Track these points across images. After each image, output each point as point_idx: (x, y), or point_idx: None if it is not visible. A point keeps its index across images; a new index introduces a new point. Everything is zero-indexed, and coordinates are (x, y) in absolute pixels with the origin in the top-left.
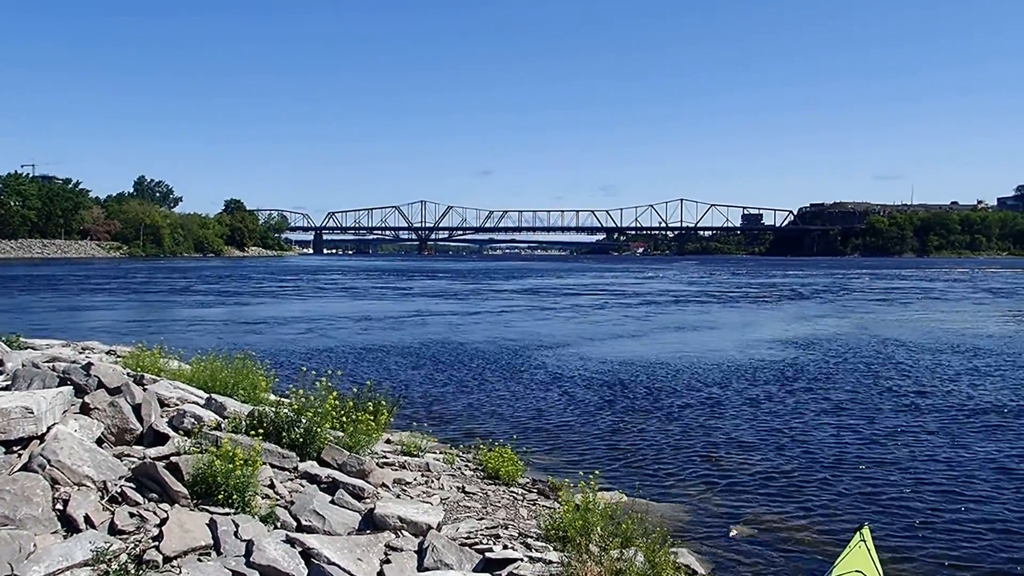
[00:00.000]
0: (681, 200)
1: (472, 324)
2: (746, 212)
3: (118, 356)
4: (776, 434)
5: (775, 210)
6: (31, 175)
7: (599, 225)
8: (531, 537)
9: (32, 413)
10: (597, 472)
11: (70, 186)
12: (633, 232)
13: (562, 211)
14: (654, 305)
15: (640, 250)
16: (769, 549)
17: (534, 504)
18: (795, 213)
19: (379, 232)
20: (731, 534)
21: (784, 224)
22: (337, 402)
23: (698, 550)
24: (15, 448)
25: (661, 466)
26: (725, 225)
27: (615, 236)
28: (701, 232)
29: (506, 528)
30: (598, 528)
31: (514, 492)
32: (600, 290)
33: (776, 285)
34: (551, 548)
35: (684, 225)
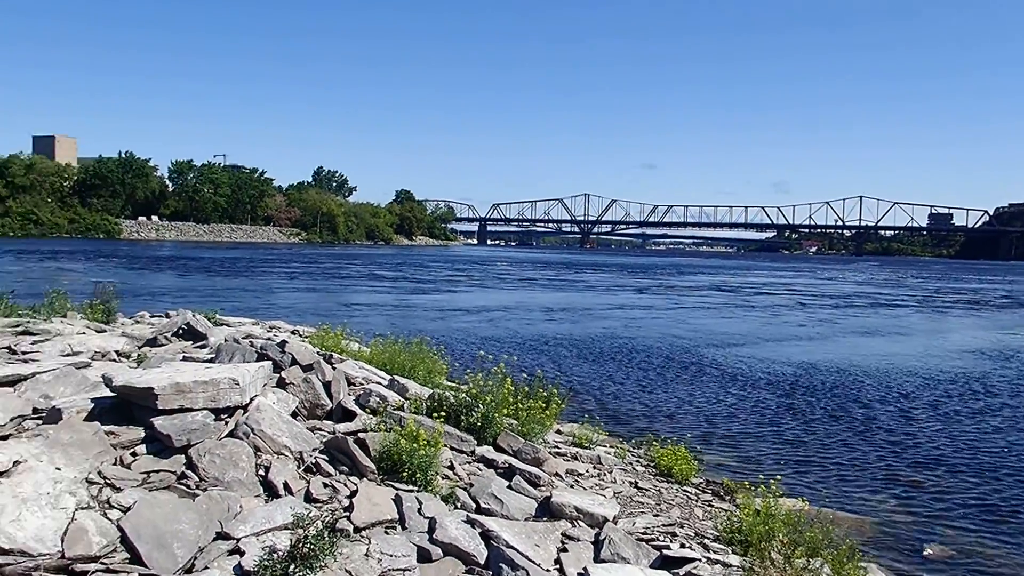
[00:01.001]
0: (860, 197)
1: (641, 319)
2: (934, 211)
3: (302, 336)
4: (975, 452)
5: (967, 210)
6: (223, 165)
7: (769, 222)
8: (708, 538)
9: (238, 384)
10: (778, 477)
11: (256, 175)
12: (806, 230)
13: (730, 207)
14: (835, 307)
15: (813, 249)
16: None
17: (709, 505)
18: (991, 213)
19: (542, 224)
20: (925, 553)
21: (977, 225)
22: (513, 387)
23: (890, 567)
24: (223, 416)
25: (845, 476)
26: (909, 225)
27: (786, 234)
28: (882, 232)
29: (681, 527)
30: (780, 535)
31: (687, 491)
32: (774, 289)
33: (971, 291)
34: (730, 551)
35: (863, 224)
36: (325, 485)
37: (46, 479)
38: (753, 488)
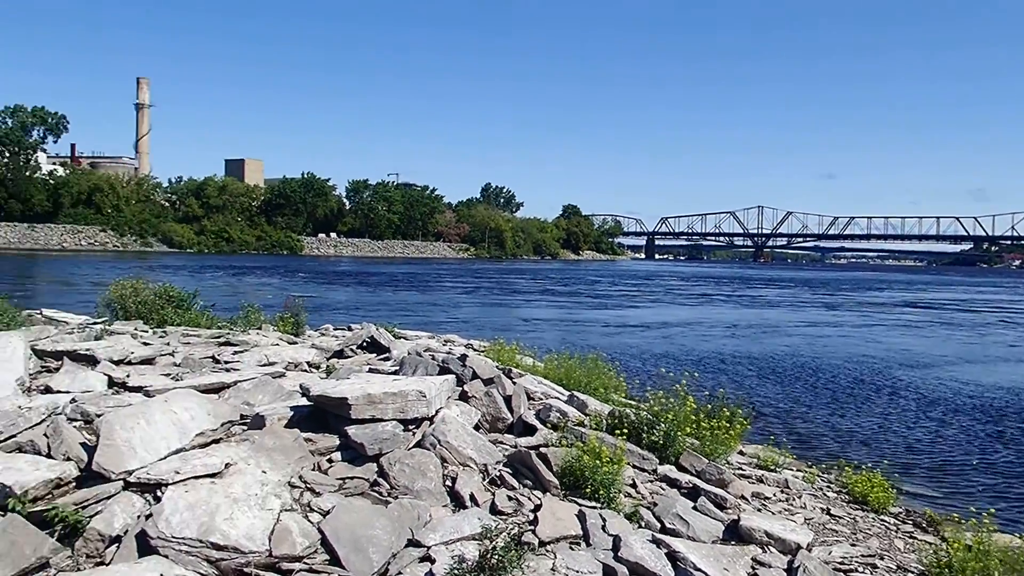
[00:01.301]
0: None
1: (828, 337)
2: None
3: (475, 349)
4: None
5: None
6: (396, 183)
7: (964, 233)
8: (911, 572)
9: (424, 397)
10: (991, 511)
11: (427, 192)
12: (1008, 242)
13: (919, 217)
14: None
15: (1017, 262)
16: None
17: (911, 537)
18: None
19: (712, 238)
20: None
21: None
22: (695, 406)
23: None
24: (410, 427)
25: None
26: None
27: (985, 246)
28: None
29: (882, 559)
30: (997, 574)
31: (885, 521)
32: (974, 306)
33: None
34: None
35: None
36: (509, 498)
37: (254, 481)
38: (961, 521)
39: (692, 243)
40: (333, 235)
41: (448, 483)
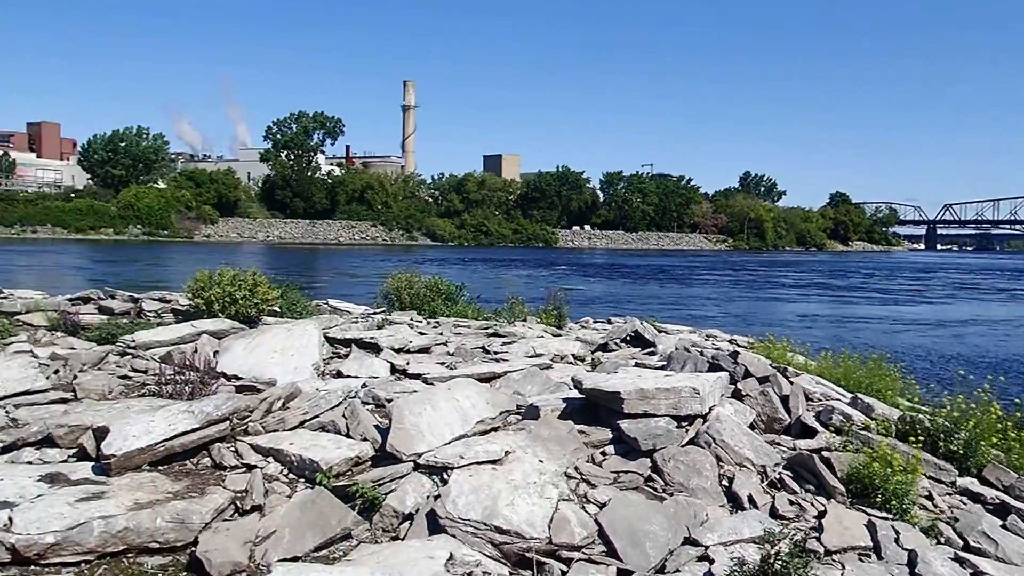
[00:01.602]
0: None
1: None
2: None
3: (740, 346)
4: None
5: None
6: (650, 174)
7: None
8: None
9: (698, 394)
10: None
11: (683, 183)
12: None
13: None
14: None
15: None
16: None
17: None
18: None
19: (1006, 226)
20: None
21: None
22: (1001, 413)
23: None
24: (683, 424)
25: None
26: None
27: None
28: None
29: None
30: None
31: None
32: None
33: None
34: None
35: None
36: (791, 502)
37: (532, 470)
38: None
39: (981, 232)
40: (587, 227)
41: (724, 483)
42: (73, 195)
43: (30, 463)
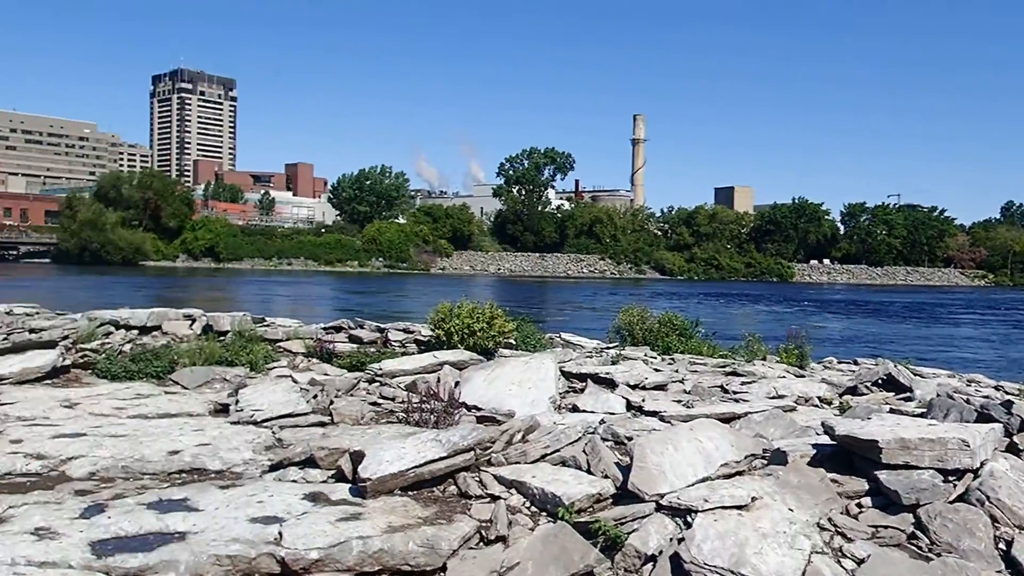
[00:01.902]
0: None
1: None
2: None
3: (1008, 393)
4: None
5: None
6: (896, 205)
7: None
8: None
9: (968, 446)
10: None
11: (934, 214)
12: None
13: None
14: None
15: None
16: None
17: None
18: None
19: None
20: None
21: None
22: None
23: None
24: (949, 478)
25: None
26: None
27: None
28: None
29: None
30: None
31: None
32: None
33: None
34: None
35: None
36: None
37: (781, 518)
38: None
39: None
40: (826, 261)
41: (1001, 546)
42: (323, 230)
43: (295, 482)
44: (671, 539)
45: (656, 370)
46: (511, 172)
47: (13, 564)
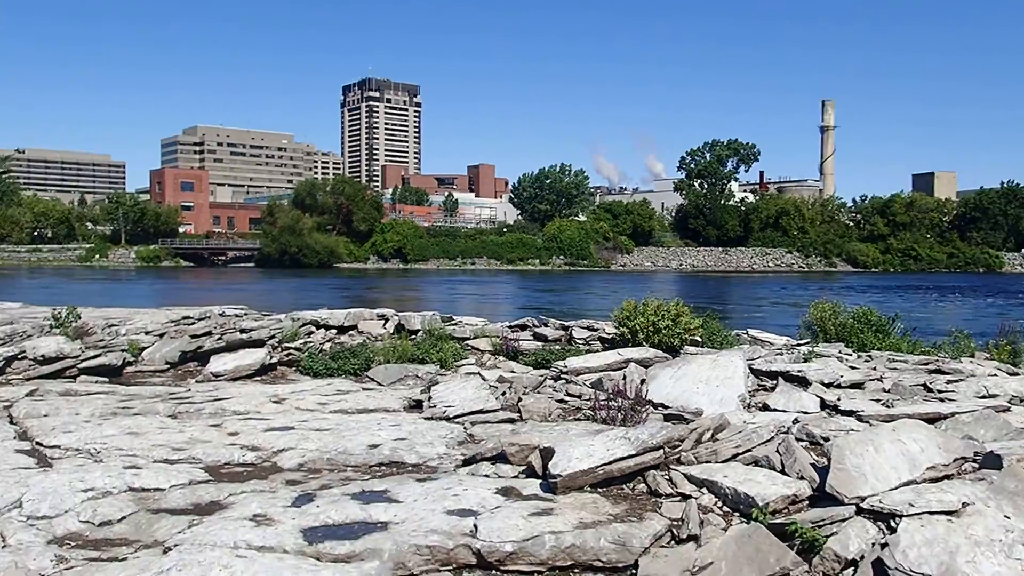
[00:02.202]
0: None
1: None
2: None
3: None
4: None
5: None
6: None
7: None
8: None
9: None
10: None
11: None
12: None
13: None
14: None
15: None
16: None
17: None
18: None
19: None
20: None
21: None
22: None
23: None
24: None
25: None
26: None
27: None
28: None
29: None
30: None
31: None
32: None
33: None
34: None
35: None
36: None
37: (996, 526)
38: None
39: None
40: None
41: None
42: (505, 229)
43: (487, 476)
44: (873, 544)
45: (852, 368)
46: (692, 166)
47: (235, 547)
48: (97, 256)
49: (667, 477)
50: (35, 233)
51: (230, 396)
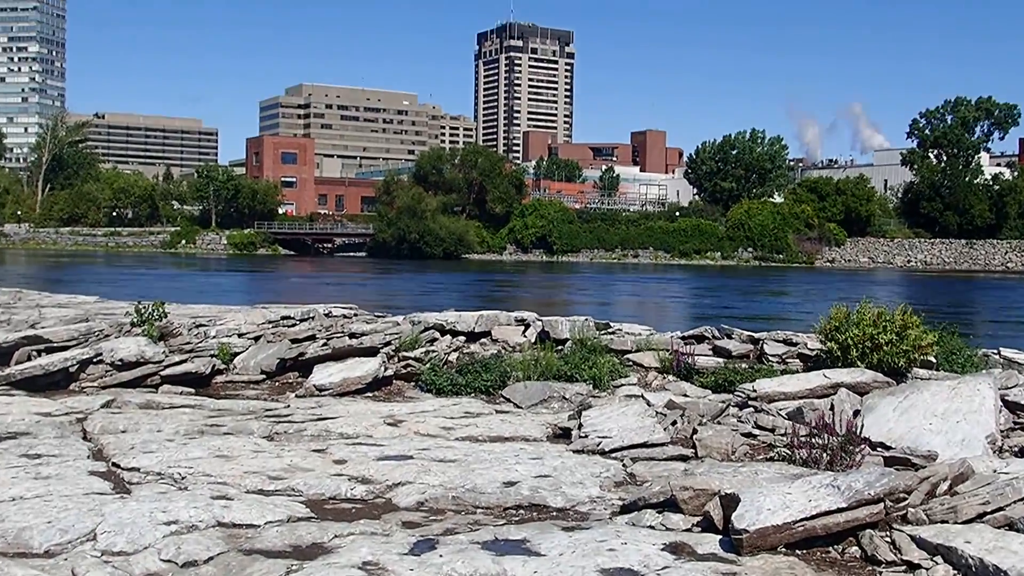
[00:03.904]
0: None
1: None
2: None
3: None
4: None
5: None
6: None
7: None
8: None
9: None
10: None
11: None
12: None
13: None
14: None
15: None
16: None
17: None
18: None
19: None
20: None
21: None
22: None
23: None
24: None
25: None
26: None
27: None
28: None
29: None
30: None
31: None
32: None
33: None
34: None
35: None
36: None
37: None
38: None
39: None
40: None
41: None
42: (678, 213)
43: (651, 527)
44: None
45: None
46: (927, 132)
47: None
48: (184, 242)
49: (888, 539)
50: (114, 213)
51: (336, 415)
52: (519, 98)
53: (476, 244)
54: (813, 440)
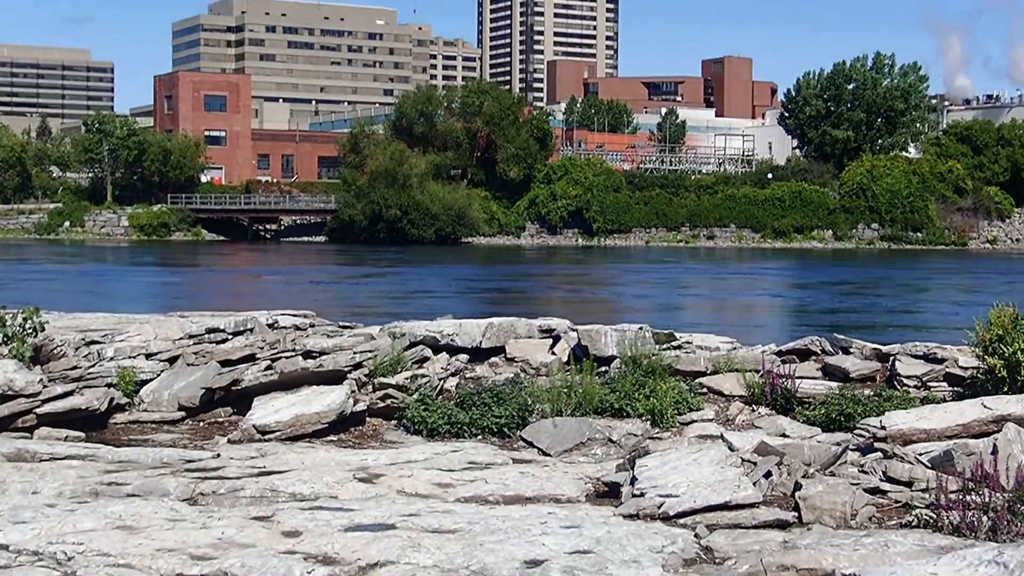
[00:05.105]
0: None
1: None
2: None
3: None
4: None
5: None
6: None
7: None
8: None
9: None
10: None
11: None
12: None
13: None
14: None
15: None
16: None
17: None
18: None
19: None
20: None
21: None
22: None
23: None
24: None
25: None
26: None
27: None
28: None
29: None
30: None
31: None
32: None
33: None
34: None
35: None
36: None
37: None
38: None
39: None
40: None
41: None
42: (770, 176)
43: None
44: None
45: None
46: None
47: None
48: (67, 224)
49: None
50: None
51: (286, 467)
52: (542, 14)
53: (483, 223)
54: (968, 498)
